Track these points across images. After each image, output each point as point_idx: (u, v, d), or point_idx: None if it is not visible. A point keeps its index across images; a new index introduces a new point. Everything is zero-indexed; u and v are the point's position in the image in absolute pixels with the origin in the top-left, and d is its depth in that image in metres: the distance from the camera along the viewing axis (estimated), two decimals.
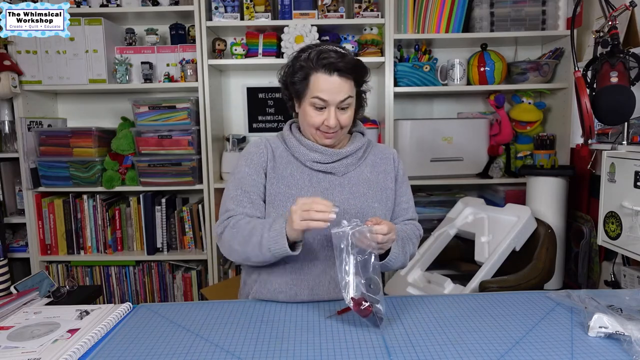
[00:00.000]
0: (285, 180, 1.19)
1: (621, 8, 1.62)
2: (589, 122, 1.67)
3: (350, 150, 1.21)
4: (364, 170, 1.24)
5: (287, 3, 2.28)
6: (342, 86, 1.13)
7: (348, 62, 1.14)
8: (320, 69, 1.13)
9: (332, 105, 1.14)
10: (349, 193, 1.20)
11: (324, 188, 1.19)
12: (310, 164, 1.20)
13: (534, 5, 2.30)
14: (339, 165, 1.21)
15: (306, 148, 1.20)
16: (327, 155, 1.19)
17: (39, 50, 2.27)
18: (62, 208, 2.38)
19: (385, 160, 1.29)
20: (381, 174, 1.26)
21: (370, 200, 1.21)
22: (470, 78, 2.38)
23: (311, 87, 1.14)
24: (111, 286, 2.47)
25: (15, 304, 1.20)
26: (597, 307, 1.04)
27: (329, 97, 1.13)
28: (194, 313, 1.13)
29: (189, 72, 2.29)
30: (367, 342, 0.96)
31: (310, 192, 1.18)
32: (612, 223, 1.63)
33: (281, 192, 1.18)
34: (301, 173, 1.20)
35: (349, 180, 1.22)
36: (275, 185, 1.19)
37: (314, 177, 1.20)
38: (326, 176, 1.21)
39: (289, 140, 1.23)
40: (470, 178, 2.42)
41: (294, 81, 1.18)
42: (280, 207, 1.17)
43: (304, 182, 1.19)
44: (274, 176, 1.20)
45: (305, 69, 1.15)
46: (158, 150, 2.31)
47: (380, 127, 2.40)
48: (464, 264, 2.15)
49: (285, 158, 1.22)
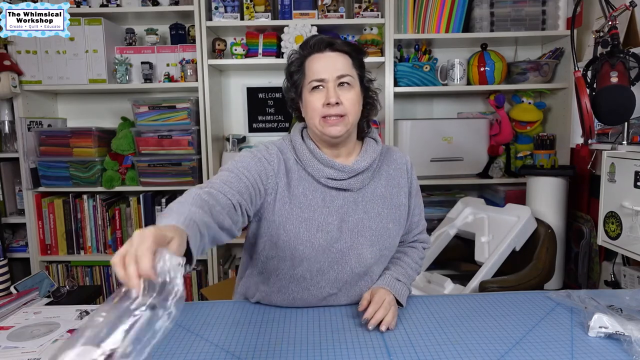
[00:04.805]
0: (297, 200, 1.09)
1: (621, 8, 1.62)
2: (589, 122, 1.67)
3: (365, 165, 1.12)
4: (378, 185, 1.16)
5: (287, 3, 2.28)
6: (336, 60, 1.07)
7: (339, 40, 1.11)
8: (312, 51, 1.09)
9: (329, 82, 1.06)
10: (363, 212, 1.13)
11: (338, 206, 1.11)
12: (324, 180, 1.10)
13: (534, 5, 2.30)
14: (354, 181, 1.12)
15: (320, 163, 1.10)
16: (344, 172, 1.10)
17: (39, 50, 2.27)
18: (62, 208, 2.38)
19: (398, 171, 1.20)
20: (395, 189, 1.18)
21: (385, 221, 1.14)
22: (470, 78, 2.38)
23: (307, 73, 1.09)
24: (111, 286, 2.47)
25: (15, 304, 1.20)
26: (597, 307, 1.04)
27: (325, 73, 1.06)
28: (194, 313, 1.12)
29: (189, 72, 2.29)
30: (367, 342, 0.96)
31: (324, 213, 1.09)
32: (612, 223, 1.63)
33: (294, 215, 1.08)
34: (314, 192, 1.11)
35: (363, 196, 1.14)
36: (288, 205, 1.09)
37: (327, 195, 1.11)
38: (340, 193, 1.12)
39: (301, 151, 1.12)
40: (470, 178, 2.42)
41: (292, 75, 1.13)
42: (292, 231, 1.08)
43: (317, 202, 1.10)
44: (287, 195, 1.09)
45: (299, 59, 1.12)
46: (158, 150, 2.31)
47: (380, 127, 2.40)
48: (464, 264, 2.15)
49: (297, 173, 1.12)
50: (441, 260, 2.13)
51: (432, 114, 2.64)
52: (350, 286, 1.14)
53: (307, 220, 1.08)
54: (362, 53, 1.14)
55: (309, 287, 1.12)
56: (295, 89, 1.14)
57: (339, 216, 1.10)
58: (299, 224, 1.08)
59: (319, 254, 1.09)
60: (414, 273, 1.23)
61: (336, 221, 1.10)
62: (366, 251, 1.12)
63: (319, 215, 1.09)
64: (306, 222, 1.08)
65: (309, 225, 1.08)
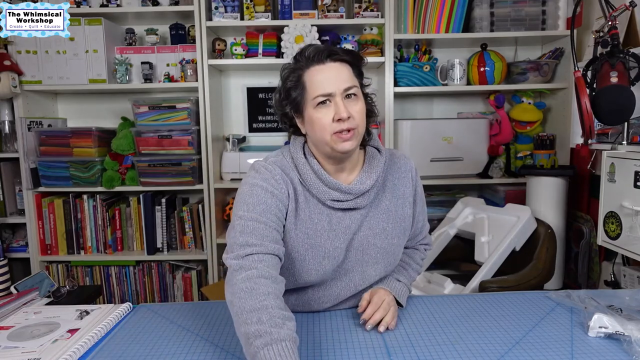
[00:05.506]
0: (303, 225, 1.04)
1: (621, 8, 1.62)
2: (589, 122, 1.67)
3: (370, 184, 1.06)
4: (383, 198, 1.12)
5: (287, 3, 2.28)
6: (340, 71, 1.01)
7: (338, 48, 1.04)
8: (310, 62, 1.02)
9: (337, 95, 0.99)
10: (368, 229, 1.09)
11: (345, 227, 1.06)
12: (330, 202, 1.05)
13: (534, 5, 2.30)
14: (360, 200, 1.07)
15: (325, 185, 1.05)
16: (350, 193, 1.05)
17: (39, 50, 2.27)
18: (62, 208, 2.38)
19: (403, 180, 1.15)
20: (400, 200, 1.14)
21: (390, 237, 1.11)
22: (470, 78, 2.38)
23: (308, 88, 1.01)
24: (111, 286, 2.47)
25: (15, 304, 1.20)
26: (597, 307, 1.04)
27: (331, 86, 0.99)
28: (194, 313, 1.12)
29: (189, 72, 2.29)
30: (367, 342, 0.96)
31: (331, 237, 1.05)
32: (612, 223, 1.63)
33: (299, 242, 1.04)
34: (319, 214, 1.06)
35: (368, 212, 1.09)
36: (294, 232, 1.04)
37: (333, 217, 1.06)
38: (346, 213, 1.07)
39: (304, 172, 1.05)
40: (470, 178, 2.42)
41: (289, 91, 1.04)
42: (298, 259, 1.04)
43: (323, 225, 1.05)
44: (294, 220, 1.04)
45: (296, 72, 1.03)
46: (158, 150, 2.31)
47: (380, 127, 2.40)
48: (464, 264, 2.15)
49: (302, 195, 1.06)
50: (441, 260, 2.14)
51: (432, 114, 2.64)
52: (353, 297, 1.13)
53: (313, 247, 1.04)
54: (361, 60, 1.08)
55: (309, 301, 1.11)
56: (295, 106, 1.05)
57: (346, 239, 1.07)
58: (305, 251, 1.04)
59: (324, 277, 1.08)
60: (414, 273, 1.23)
61: (343, 245, 1.06)
62: (370, 269, 1.10)
63: (325, 240, 1.05)
64: (312, 249, 1.04)
65: (316, 252, 1.04)
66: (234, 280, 0.90)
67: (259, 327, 0.80)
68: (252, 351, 0.79)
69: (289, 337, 0.80)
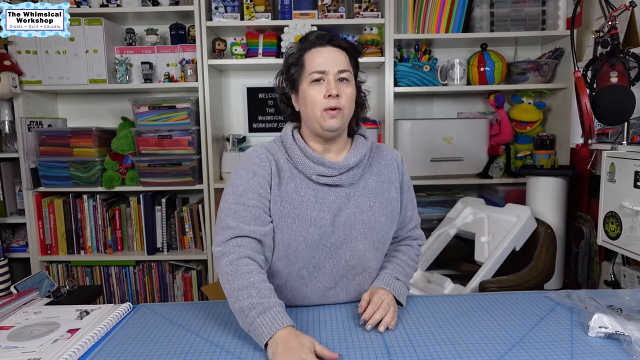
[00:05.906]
0: (289, 197, 1.11)
1: (621, 8, 1.62)
2: (589, 122, 1.67)
3: (356, 161, 1.15)
4: (369, 180, 1.18)
5: (287, 3, 2.28)
6: (337, 56, 1.11)
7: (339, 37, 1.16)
8: (312, 44, 1.12)
9: (330, 75, 1.09)
10: (355, 207, 1.14)
11: (330, 202, 1.13)
12: (315, 177, 1.13)
13: (534, 5, 2.30)
14: (345, 177, 1.14)
15: (311, 161, 1.13)
16: (334, 169, 1.13)
17: (39, 50, 2.27)
18: (62, 208, 2.38)
19: (389, 167, 1.22)
20: (386, 184, 1.20)
21: (378, 214, 1.16)
22: (470, 78, 2.38)
23: (306, 66, 1.11)
24: (111, 286, 2.47)
25: (15, 304, 1.20)
26: (597, 307, 1.04)
27: (326, 66, 1.09)
28: (194, 313, 1.13)
29: (189, 72, 2.29)
30: (367, 342, 0.96)
31: (317, 209, 1.11)
32: (612, 223, 1.63)
33: (286, 212, 1.11)
34: (306, 188, 1.13)
35: (355, 191, 1.15)
36: (280, 204, 1.11)
37: (319, 192, 1.13)
38: (331, 189, 1.14)
39: (291, 150, 1.15)
40: (470, 178, 2.42)
41: (290, 67, 1.15)
42: (286, 228, 1.10)
43: (310, 198, 1.12)
44: (279, 194, 1.11)
45: (298, 52, 1.14)
46: (158, 150, 2.31)
47: (380, 127, 2.40)
48: (464, 264, 2.15)
49: (288, 171, 1.14)
50: (441, 260, 2.13)
51: (432, 114, 2.64)
52: (347, 280, 1.15)
53: (299, 216, 1.10)
54: (358, 52, 1.19)
55: (307, 282, 1.14)
56: (292, 83, 1.16)
57: (331, 212, 1.12)
58: (292, 220, 1.10)
59: (313, 249, 1.11)
60: (411, 270, 1.24)
61: (329, 216, 1.11)
62: (360, 244, 1.13)
63: (311, 210, 1.11)
64: (299, 217, 1.10)
65: (302, 220, 1.10)
66: (220, 266, 1.04)
67: (251, 301, 0.95)
68: (248, 321, 0.94)
69: (277, 304, 0.96)
